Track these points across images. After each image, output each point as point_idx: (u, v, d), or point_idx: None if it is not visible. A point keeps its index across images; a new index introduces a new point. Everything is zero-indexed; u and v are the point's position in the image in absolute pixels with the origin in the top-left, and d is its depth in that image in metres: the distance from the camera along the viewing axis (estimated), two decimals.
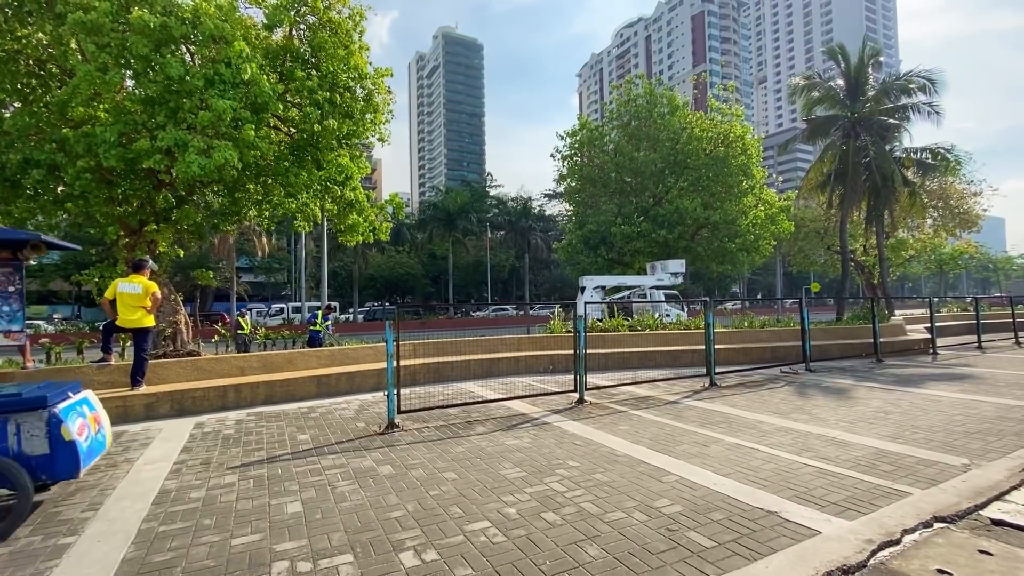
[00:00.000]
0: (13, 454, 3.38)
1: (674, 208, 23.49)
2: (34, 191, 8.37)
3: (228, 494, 3.92)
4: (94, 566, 2.84)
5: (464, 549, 2.95)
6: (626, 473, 4.24)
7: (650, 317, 13.75)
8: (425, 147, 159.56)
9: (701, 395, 7.74)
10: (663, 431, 5.62)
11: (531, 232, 54.46)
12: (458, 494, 3.82)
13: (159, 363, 7.55)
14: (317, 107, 9.17)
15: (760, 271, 60.34)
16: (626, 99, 26.22)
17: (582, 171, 26.64)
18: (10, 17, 7.93)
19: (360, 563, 2.81)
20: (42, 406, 3.49)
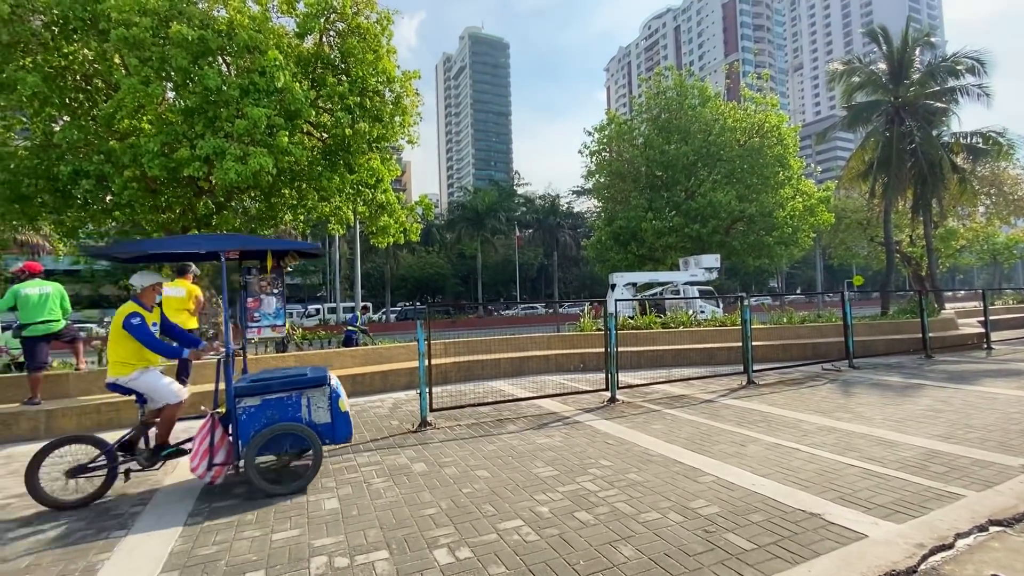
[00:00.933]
0: (306, 422, 4.05)
1: (707, 202, 22.92)
2: (84, 201, 8.83)
3: None
4: (144, 558, 2.98)
5: (497, 547, 2.95)
6: (660, 473, 4.16)
7: (684, 314, 13.47)
8: (453, 148, 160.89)
9: (738, 393, 7.53)
10: (699, 430, 5.49)
11: (559, 230, 54.22)
12: (491, 492, 3.83)
13: (203, 363, 7.84)
14: (348, 112, 9.36)
15: (799, 265, 58.30)
16: (655, 92, 25.74)
17: (611, 166, 26.29)
18: (57, 35, 8.38)
19: (395, 559, 2.85)
20: (324, 383, 4.14)
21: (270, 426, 3.92)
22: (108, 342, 4.11)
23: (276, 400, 4.01)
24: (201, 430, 3.93)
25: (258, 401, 3.97)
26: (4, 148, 8.21)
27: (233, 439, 3.96)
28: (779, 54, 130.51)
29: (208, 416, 3.97)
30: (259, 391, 3.99)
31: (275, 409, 4.00)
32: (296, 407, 4.05)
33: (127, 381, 4.04)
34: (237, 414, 3.92)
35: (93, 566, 2.91)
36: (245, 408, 3.94)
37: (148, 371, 4.09)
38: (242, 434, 3.92)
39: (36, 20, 8.17)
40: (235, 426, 3.94)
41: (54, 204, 8.83)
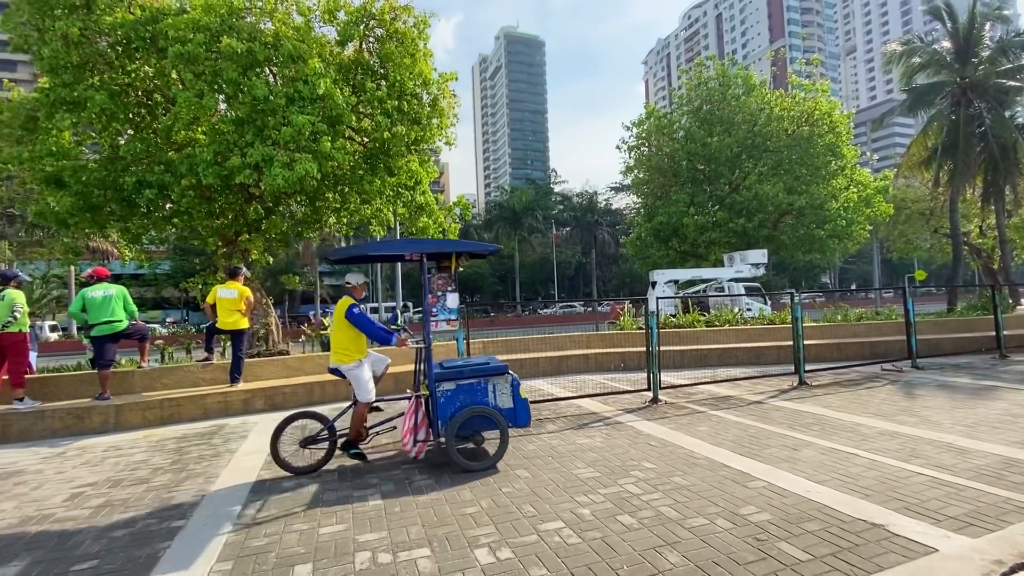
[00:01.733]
0: (492, 407, 4.47)
1: (753, 195, 22.05)
2: (147, 209, 9.37)
3: (315, 485, 4.16)
4: (201, 548, 3.12)
5: (538, 549, 2.92)
6: (707, 477, 4.02)
7: (729, 312, 13.02)
8: (489, 147, 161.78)
9: (789, 395, 7.20)
10: (747, 433, 5.28)
11: (597, 227, 53.59)
12: (531, 492, 3.80)
13: (254, 362, 8.20)
14: (387, 115, 9.53)
15: (854, 259, 55.31)
16: (696, 83, 24.97)
17: (650, 161, 25.70)
18: (121, 54, 8.92)
19: (437, 557, 2.87)
20: (506, 372, 4.55)
21: (465, 408, 4.34)
22: (332, 333, 4.65)
23: (468, 385, 4.44)
24: (408, 410, 4.39)
25: (453, 386, 4.40)
26: (77, 162, 8.80)
27: (432, 419, 4.39)
28: (829, 38, 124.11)
29: (413, 398, 4.42)
30: (454, 376, 4.42)
31: (467, 394, 4.44)
32: (484, 392, 4.48)
33: (347, 369, 4.56)
34: (437, 397, 4.35)
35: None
36: (443, 391, 4.38)
37: (362, 365, 4.59)
38: (441, 415, 4.35)
39: (102, 41, 8.73)
40: (434, 407, 4.36)
41: (121, 212, 9.42)
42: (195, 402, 6.92)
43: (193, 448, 5.46)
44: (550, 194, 59.69)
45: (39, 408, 6.31)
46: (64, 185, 8.50)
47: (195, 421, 6.77)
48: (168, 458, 5.11)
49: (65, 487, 4.35)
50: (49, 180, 8.57)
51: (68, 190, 8.50)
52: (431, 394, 4.39)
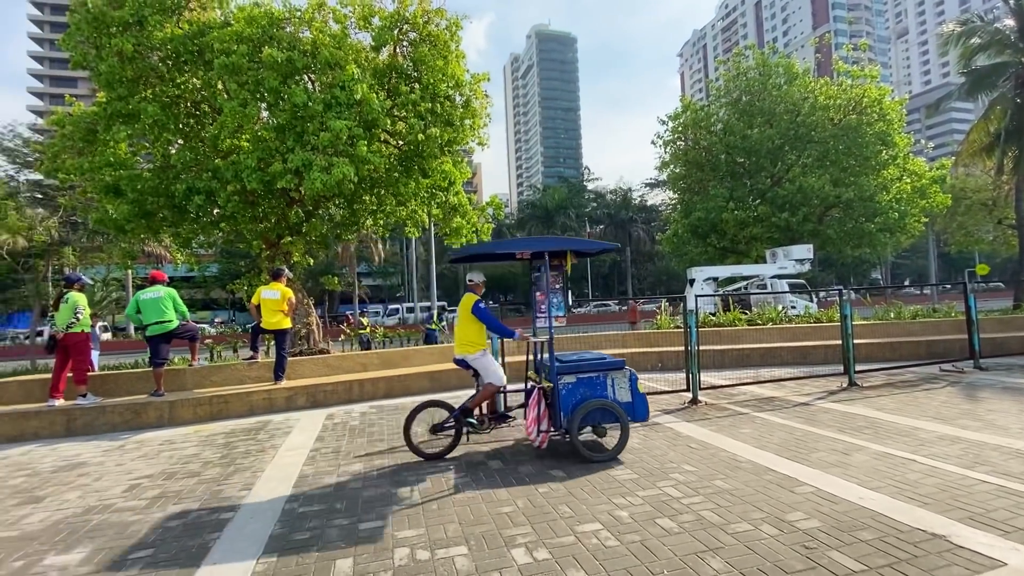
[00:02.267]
0: (612, 400, 4.58)
1: (797, 188, 21.19)
2: (196, 215, 9.82)
3: (355, 481, 4.25)
4: (248, 539, 3.23)
5: (575, 550, 2.89)
6: (751, 481, 3.88)
7: (772, 310, 12.56)
8: (522, 147, 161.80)
9: (838, 396, 6.88)
10: (793, 436, 5.07)
11: (632, 224, 52.75)
12: (567, 493, 3.76)
13: (296, 360, 8.47)
14: (420, 118, 9.66)
15: (907, 254, 52.37)
16: (735, 73, 24.21)
17: (687, 155, 25.07)
18: (171, 67, 9.38)
19: (474, 555, 2.87)
20: (623, 367, 4.67)
21: (587, 401, 4.45)
22: (456, 327, 4.91)
23: (587, 379, 4.56)
24: (531, 401, 4.56)
25: (574, 379, 4.52)
26: (132, 171, 9.32)
27: (554, 410, 4.52)
28: (878, 21, 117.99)
29: (536, 390, 4.58)
30: (573, 370, 4.55)
31: (586, 387, 4.54)
32: (603, 386, 4.58)
33: (472, 359, 4.84)
34: (559, 389, 4.46)
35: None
36: (564, 384, 4.50)
37: (486, 354, 4.89)
38: (563, 406, 4.47)
39: (154, 56, 9.20)
40: (556, 399, 4.48)
41: (172, 218, 9.91)
42: (242, 399, 7.20)
43: (240, 443, 5.68)
44: (583, 192, 59.17)
45: (100, 404, 6.71)
46: (121, 193, 9.01)
47: (242, 417, 7.05)
48: (217, 452, 5.33)
49: (124, 478, 4.60)
50: (107, 189, 9.10)
51: (125, 198, 9.00)
52: (553, 386, 4.49)
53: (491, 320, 4.84)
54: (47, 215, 21.75)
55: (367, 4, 9.97)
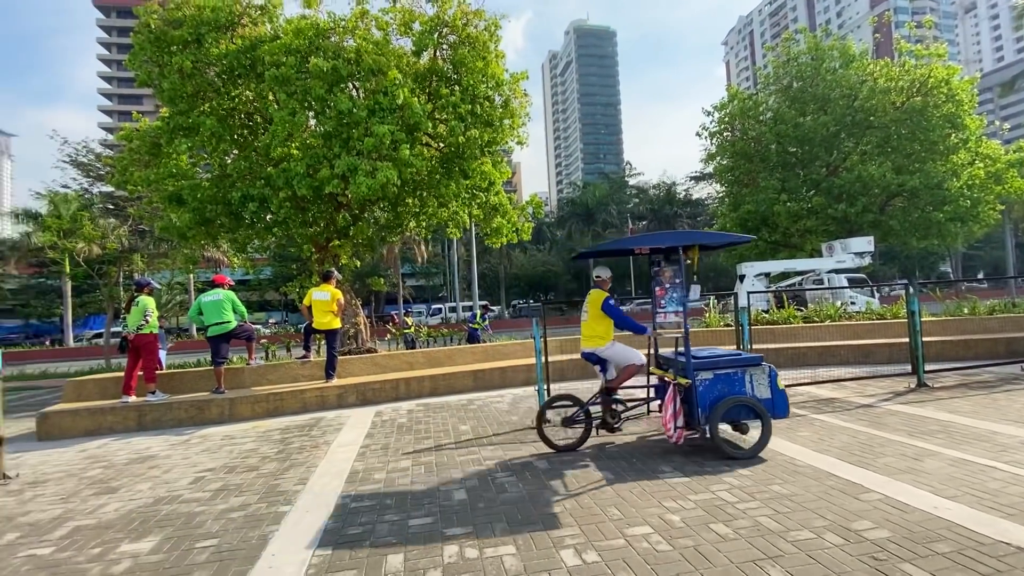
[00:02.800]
0: (750, 396, 4.52)
1: (855, 177, 20.00)
2: (251, 220, 10.31)
3: (404, 478, 4.33)
4: (304, 532, 3.35)
5: (626, 554, 2.82)
6: (811, 486, 3.68)
7: (831, 306, 11.92)
8: (561, 144, 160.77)
9: (905, 397, 6.45)
10: (856, 440, 4.78)
11: (677, 219, 51.28)
12: (615, 495, 3.69)
13: (345, 359, 8.73)
14: (461, 120, 9.75)
15: (980, 244, 48.44)
16: (784, 59, 23.13)
17: (734, 146, 24.14)
18: (226, 81, 9.88)
19: (522, 555, 2.86)
20: (761, 362, 4.61)
21: (725, 398, 4.41)
22: (585, 322, 4.97)
23: (725, 375, 4.49)
24: (667, 397, 4.54)
25: (711, 375, 4.47)
26: (193, 181, 9.89)
27: (691, 407, 4.47)
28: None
29: (671, 386, 4.54)
30: (710, 366, 4.50)
31: (724, 383, 4.47)
32: (741, 382, 4.50)
33: (602, 351, 4.89)
34: (696, 385, 4.43)
35: None
36: (702, 380, 4.45)
37: (615, 343, 4.92)
38: (700, 403, 4.41)
39: (210, 71, 9.73)
40: (693, 396, 4.44)
41: (229, 225, 10.45)
42: (296, 396, 7.49)
43: (295, 439, 5.90)
44: (625, 187, 58.11)
45: (168, 400, 7.15)
46: (183, 202, 9.57)
47: (296, 414, 7.34)
48: (274, 448, 5.57)
49: (190, 471, 4.87)
50: (171, 198, 9.69)
51: (186, 207, 9.55)
52: (691, 383, 4.44)
53: (622, 317, 4.87)
54: (118, 224, 23.40)
55: (407, 10, 10.15)
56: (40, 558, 3.17)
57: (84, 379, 7.94)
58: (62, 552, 3.24)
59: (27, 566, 3.07)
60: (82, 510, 3.99)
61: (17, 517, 3.90)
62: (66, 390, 7.62)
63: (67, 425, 6.70)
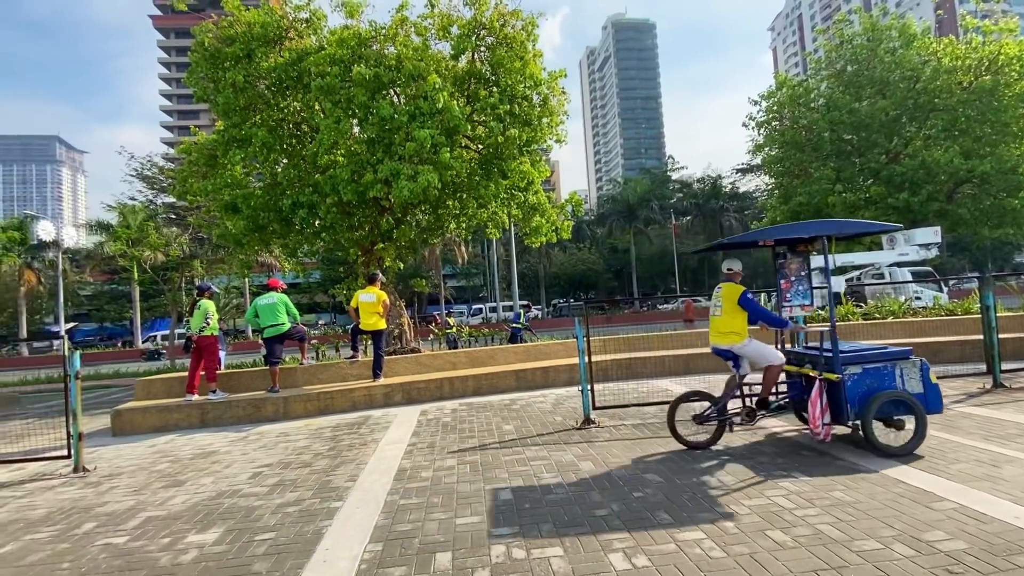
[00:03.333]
0: (902, 391, 4.41)
1: (919, 163, 18.76)
2: (301, 226, 10.72)
3: (450, 476, 4.39)
4: (356, 528, 3.45)
5: (677, 559, 2.75)
6: (876, 493, 3.47)
7: (893, 302, 11.22)
8: (600, 141, 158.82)
9: (980, 399, 5.99)
10: (926, 444, 4.47)
11: (723, 213, 49.73)
12: (665, 498, 3.60)
13: (391, 359, 8.94)
14: (499, 120, 9.78)
15: None
16: (838, 42, 22.00)
17: (784, 136, 23.13)
18: (275, 93, 10.31)
19: (570, 558, 2.83)
20: (910, 355, 4.50)
21: (876, 392, 4.29)
22: (718, 317, 4.84)
23: (874, 370, 4.39)
24: (814, 393, 4.42)
25: (859, 370, 4.38)
26: (246, 190, 10.39)
27: (837, 403, 4.38)
28: None
29: (817, 381, 4.42)
30: (858, 360, 4.40)
31: (872, 378, 4.38)
32: (891, 377, 4.38)
33: (739, 348, 4.75)
34: (844, 381, 4.34)
35: None
36: (850, 375, 4.35)
37: (752, 340, 4.78)
38: (849, 398, 4.33)
39: (260, 84, 10.18)
40: (842, 391, 4.34)
41: (281, 231, 10.91)
42: (345, 395, 7.74)
43: (345, 436, 6.09)
44: (667, 182, 56.82)
45: (227, 399, 7.54)
46: (238, 211, 10.06)
47: (345, 412, 7.57)
48: (325, 445, 5.77)
49: (248, 467, 5.11)
50: (227, 207, 10.20)
51: (241, 215, 10.03)
52: (840, 378, 4.31)
53: (761, 310, 4.76)
54: (179, 233, 24.89)
55: (445, 14, 10.29)
56: (116, 547, 3.40)
57: (152, 379, 8.48)
58: (135, 541, 3.46)
59: (104, 554, 3.30)
60: (152, 502, 4.26)
61: (95, 508, 4.21)
62: (137, 389, 8.16)
63: (138, 421, 7.18)
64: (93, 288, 47.00)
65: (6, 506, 4.42)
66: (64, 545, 3.47)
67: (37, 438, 6.96)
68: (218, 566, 3.02)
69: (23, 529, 3.82)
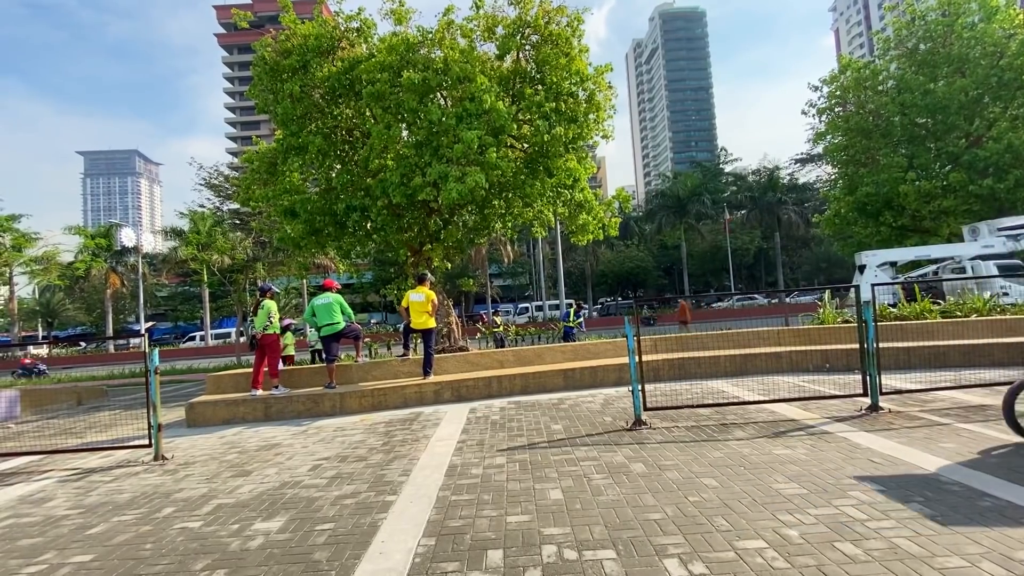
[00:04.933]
0: None
1: (1004, 146, 17.12)
2: (354, 229, 11.11)
3: (499, 474, 4.41)
4: (410, 522, 3.52)
5: (737, 568, 2.63)
6: (959, 506, 3.19)
7: (976, 298, 10.31)
8: (648, 135, 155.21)
9: None
10: (1018, 454, 4.07)
11: (780, 207, 47.34)
12: (722, 504, 3.46)
13: (440, 357, 9.09)
14: (545, 119, 9.74)
15: None
16: (909, 19, 20.44)
17: (848, 122, 21.71)
18: (329, 102, 10.72)
19: (623, 562, 2.78)
20: None
21: None
22: None
23: None
24: None
25: None
26: (304, 196, 10.88)
27: None
28: None
29: None
30: None
31: None
32: None
33: None
34: None
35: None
36: None
37: None
38: None
39: (315, 94, 10.62)
40: None
41: (335, 234, 11.36)
42: (397, 392, 7.95)
43: (398, 432, 6.26)
44: (720, 175, 54.76)
45: (289, 394, 7.92)
46: (296, 215, 10.54)
47: (397, 408, 7.78)
48: (379, 440, 5.94)
49: (308, 459, 5.35)
50: (286, 212, 10.71)
51: (299, 219, 10.51)
52: None
53: None
54: (243, 237, 26.43)
55: (490, 15, 10.35)
56: (191, 531, 3.64)
57: (221, 374, 9.04)
58: (208, 526, 3.70)
59: (181, 537, 3.54)
60: (223, 489, 4.54)
61: (173, 494, 4.53)
62: (208, 384, 8.72)
63: (209, 414, 7.67)
64: (169, 290, 50.77)
65: (97, 489, 4.84)
66: (147, 527, 3.76)
67: (122, 427, 7.59)
68: (282, 553, 3.17)
69: (112, 511, 4.17)
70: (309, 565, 2.99)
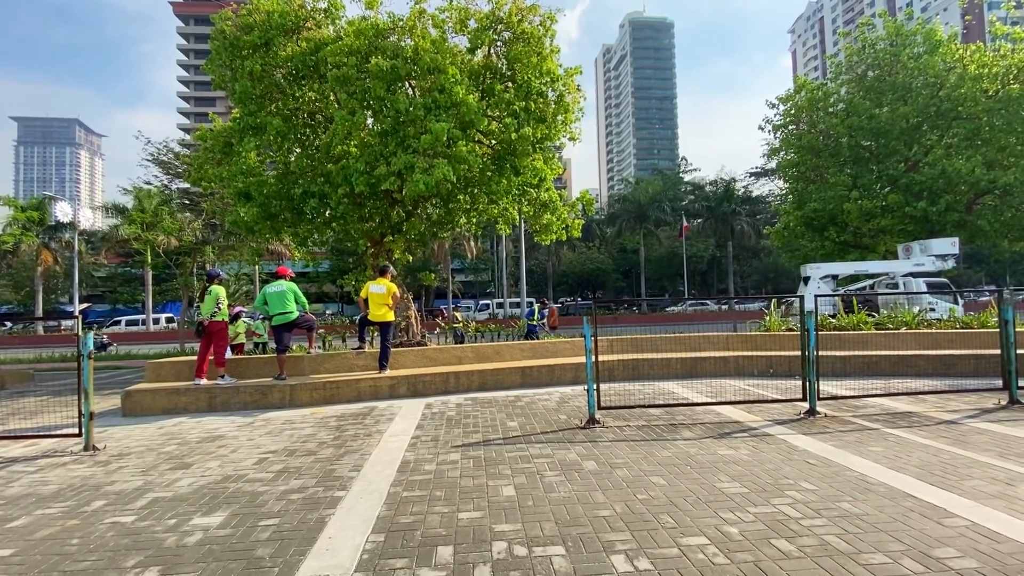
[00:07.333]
0: None
1: (939, 172, 18.39)
2: (311, 216, 10.76)
3: (453, 470, 4.38)
4: (358, 518, 3.45)
5: (680, 564, 2.72)
6: (885, 507, 3.41)
7: (907, 312, 11.06)
8: (613, 140, 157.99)
9: (995, 415, 5.88)
10: (937, 459, 4.40)
11: (735, 217, 49.20)
12: (668, 502, 3.57)
13: (398, 352, 8.96)
14: (514, 116, 9.74)
15: None
16: (860, 46, 21.62)
17: (800, 140, 22.80)
18: (291, 83, 10.32)
19: (572, 558, 2.82)
20: None
21: None
22: None
23: None
24: None
25: None
26: (260, 178, 10.43)
27: None
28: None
29: None
30: None
31: None
32: None
33: None
34: None
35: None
36: None
37: None
38: None
39: (277, 73, 10.20)
40: None
41: (292, 219, 10.96)
42: (351, 386, 7.77)
43: (350, 427, 6.12)
44: (679, 184, 56.34)
45: (236, 384, 7.60)
46: (251, 198, 10.10)
47: (351, 403, 7.61)
48: (330, 434, 5.79)
49: (254, 452, 5.15)
50: (240, 194, 10.25)
51: (254, 202, 10.08)
52: None
53: None
54: (193, 218, 25.10)
55: (464, 8, 10.24)
56: (123, 526, 3.44)
57: (162, 361, 8.57)
58: (142, 521, 3.50)
59: (112, 532, 3.34)
60: (160, 483, 4.31)
61: (104, 486, 4.26)
62: (147, 371, 8.25)
63: (147, 403, 7.26)
64: (107, 270, 47.62)
65: (19, 480, 4.49)
66: (73, 521, 3.52)
67: (50, 415, 7.08)
68: (222, 549, 3.04)
69: (35, 504, 3.88)
70: (251, 562, 2.88)
